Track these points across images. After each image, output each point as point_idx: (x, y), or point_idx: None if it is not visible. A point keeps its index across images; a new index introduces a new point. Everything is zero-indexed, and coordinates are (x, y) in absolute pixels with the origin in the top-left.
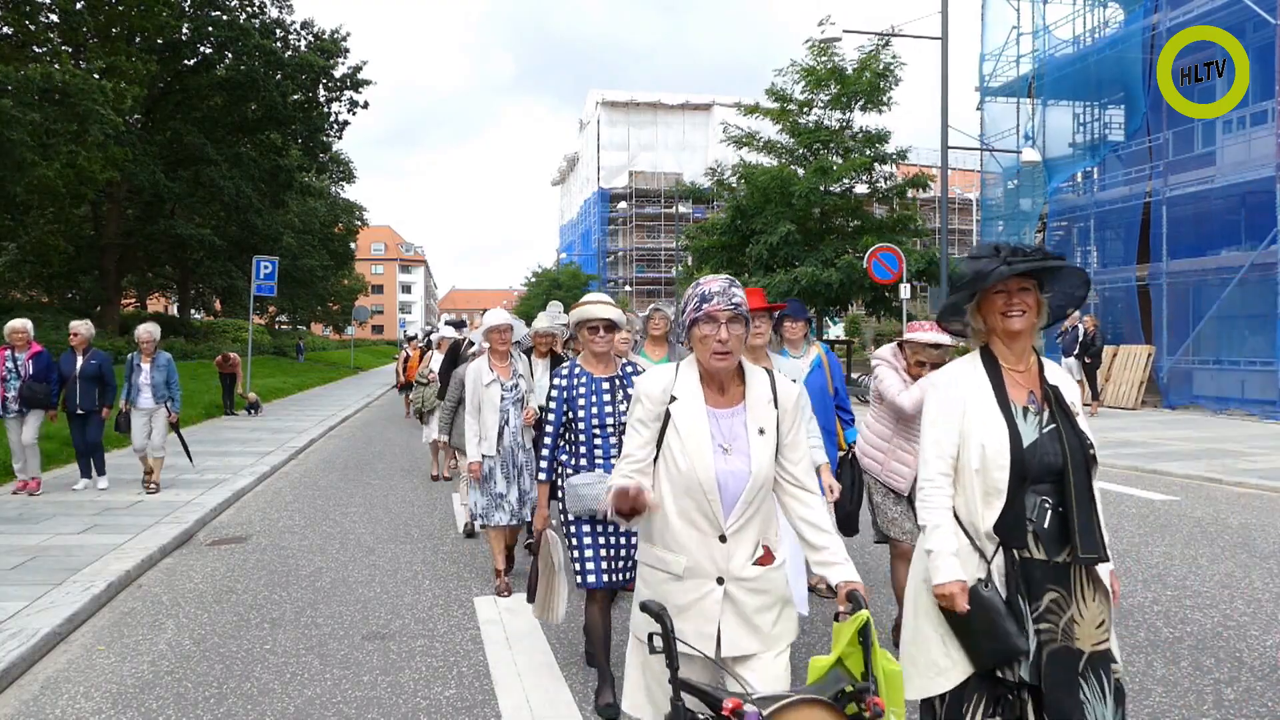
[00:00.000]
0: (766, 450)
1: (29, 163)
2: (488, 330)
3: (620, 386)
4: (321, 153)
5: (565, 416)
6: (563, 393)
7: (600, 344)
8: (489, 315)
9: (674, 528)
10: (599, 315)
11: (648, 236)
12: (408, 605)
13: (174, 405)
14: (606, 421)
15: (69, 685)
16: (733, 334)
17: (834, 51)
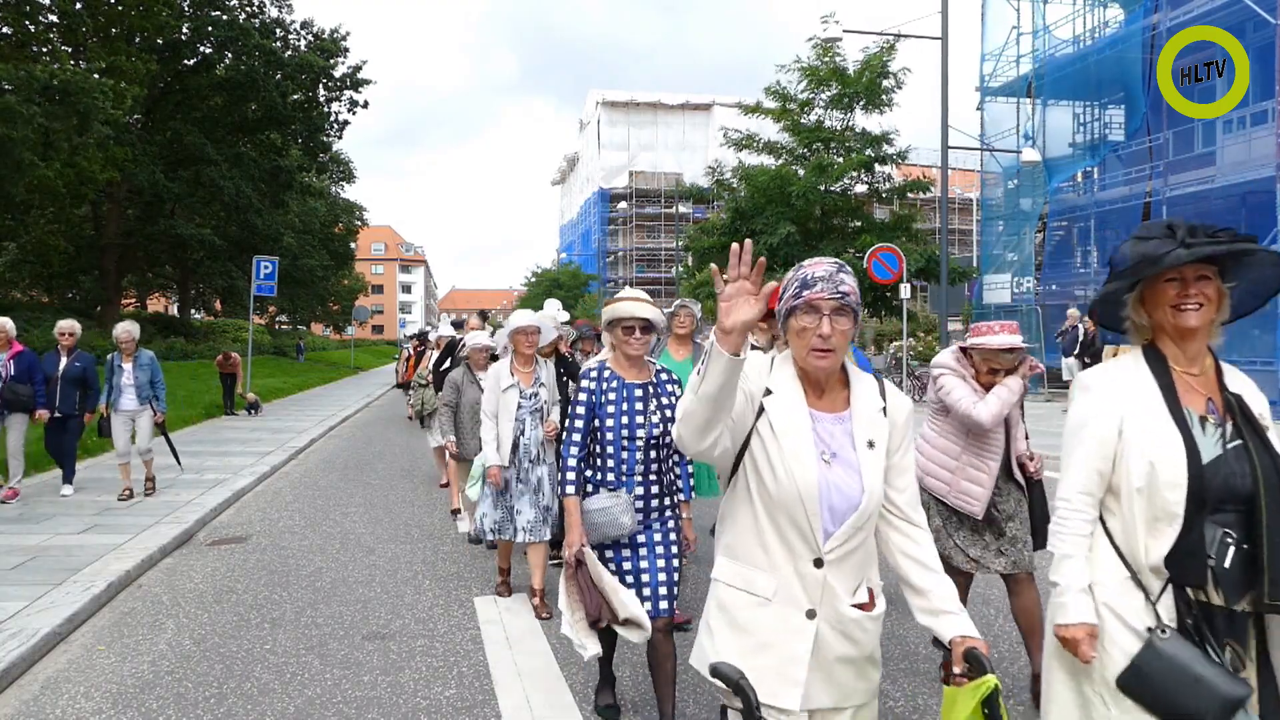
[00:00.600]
0: (878, 466)
1: (28, 163)
2: (513, 332)
3: (654, 394)
4: (321, 153)
5: (591, 426)
6: (591, 397)
7: (636, 346)
8: (515, 316)
9: (764, 542)
10: (636, 314)
11: (648, 236)
12: (408, 605)
13: (159, 405)
14: (637, 433)
15: (69, 685)
16: (837, 328)
17: (836, 51)
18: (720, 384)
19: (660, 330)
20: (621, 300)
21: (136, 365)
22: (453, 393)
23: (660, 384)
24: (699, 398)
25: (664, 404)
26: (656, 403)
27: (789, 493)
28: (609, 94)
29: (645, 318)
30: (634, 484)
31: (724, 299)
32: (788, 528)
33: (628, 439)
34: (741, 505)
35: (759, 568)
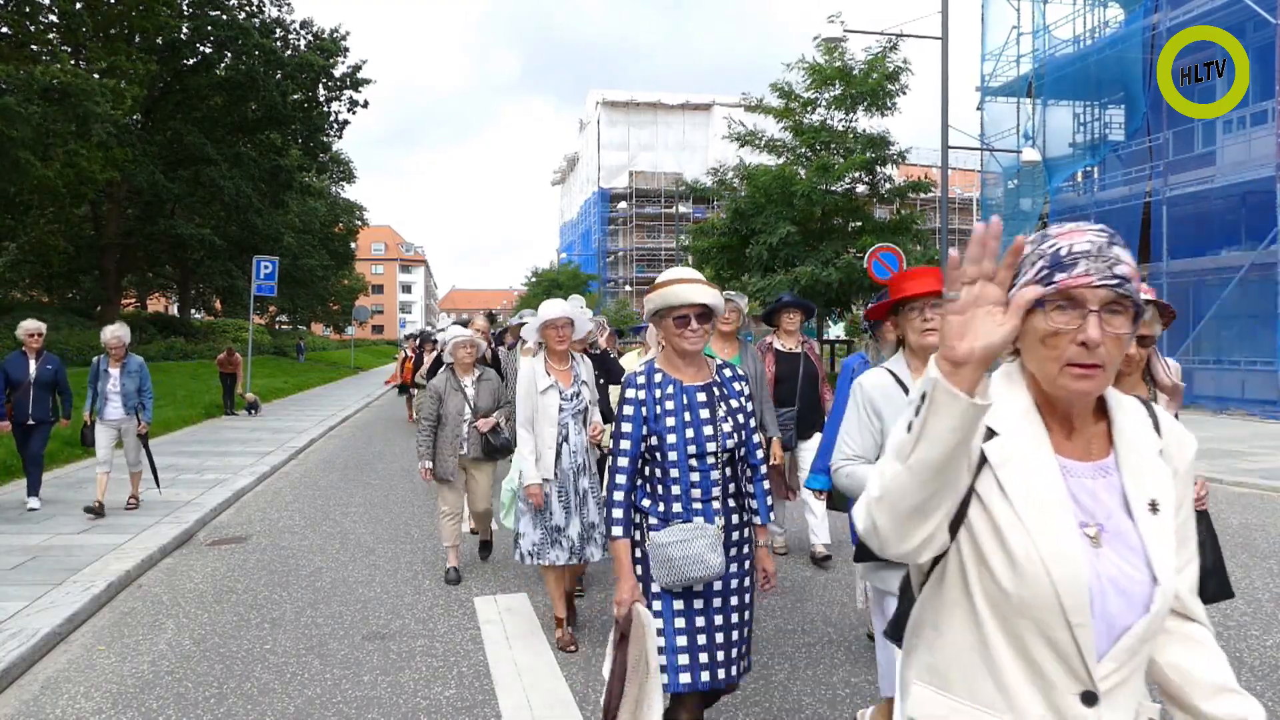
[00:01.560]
0: (1168, 541)
1: (26, 163)
2: (544, 325)
3: (722, 398)
4: (321, 152)
5: (644, 444)
6: (640, 409)
7: (693, 340)
8: (545, 306)
9: (997, 669)
10: (692, 299)
11: (648, 236)
12: (408, 605)
13: (145, 414)
14: (707, 449)
15: (69, 685)
16: (1110, 332)
17: (841, 50)
18: (950, 445)
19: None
20: (674, 283)
21: (124, 372)
22: (435, 404)
23: (725, 382)
24: (912, 467)
25: (734, 408)
26: (725, 407)
27: (1039, 588)
28: (609, 94)
29: (704, 303)
30: (711, 512)
31: (955, 310)
32: (1038, 647)
33: (696, 457)
34: (953, 611)
35: (989, 708)
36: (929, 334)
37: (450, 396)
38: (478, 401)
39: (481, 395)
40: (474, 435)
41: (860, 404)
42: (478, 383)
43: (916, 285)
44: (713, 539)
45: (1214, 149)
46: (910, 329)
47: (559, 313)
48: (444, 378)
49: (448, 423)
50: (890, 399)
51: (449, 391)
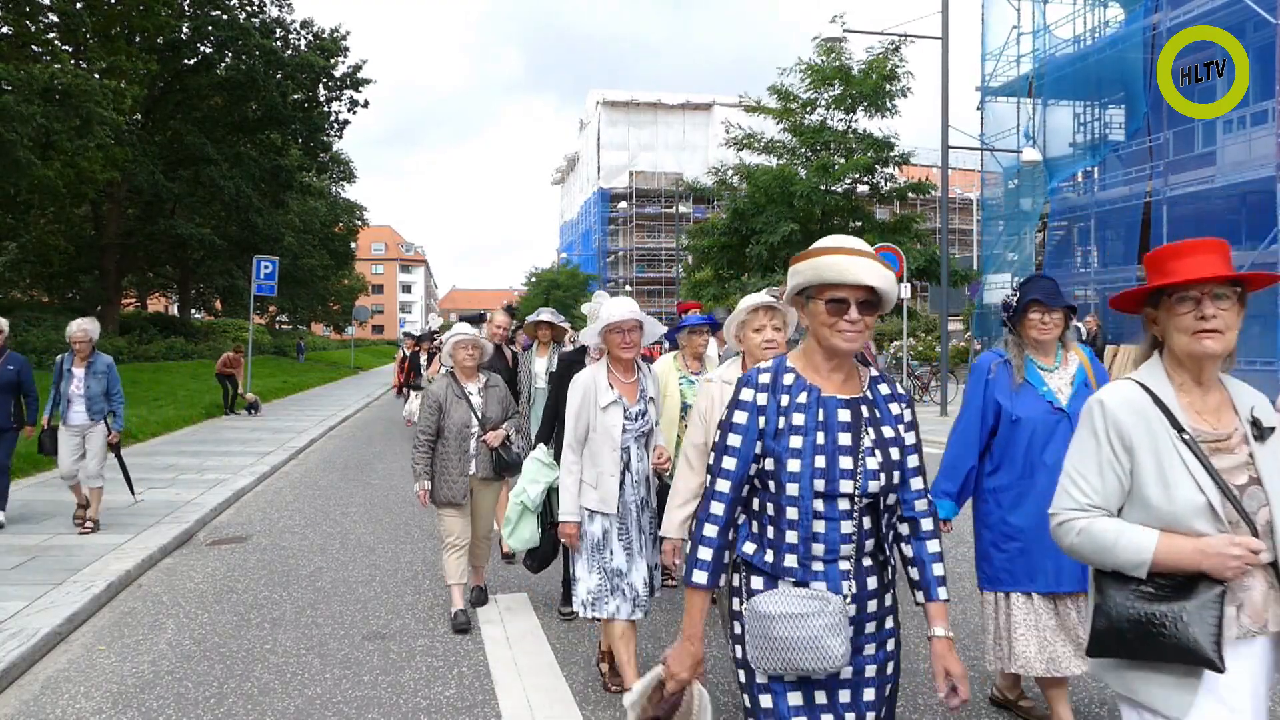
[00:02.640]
0: None
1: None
2: (607, 329)
3: (871, 422)
4: (322, 152)
5: (754, 467)
6: (757, 417)
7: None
8: (611, 306)
9: None
10: (858, 278)
11: (648, 236)
12: (408, 605)
13: (116, 422)
14: (840, 488)
15: (69, 685)
16: None
17: (840, 50)
18: None
19: None
20: (834, 253)
21: (90, 372)
22: (434, 415)
23: (879, 401)
24: None
25: (885, 438)
26: (874, 435)
27: None
28: (609, 94)
29: (873, 286)
30: (837, 576)
31: None
32: None
33: (825, 497)
34: None
35: None
36: (1206, 336)
37: (453, 406)
38: (486, 411)
39: (489, 404)
40: (482, 451)
41: (1103, 432)
42: (484, 390)
43: (1192, 267)
44: (836, 616)
45: (1214, 149)
46: (1176, 327)
47: (626, 313)
48: (444, 384)
49: (451, 436)
50: (1148, 428)
51: (451, 400)
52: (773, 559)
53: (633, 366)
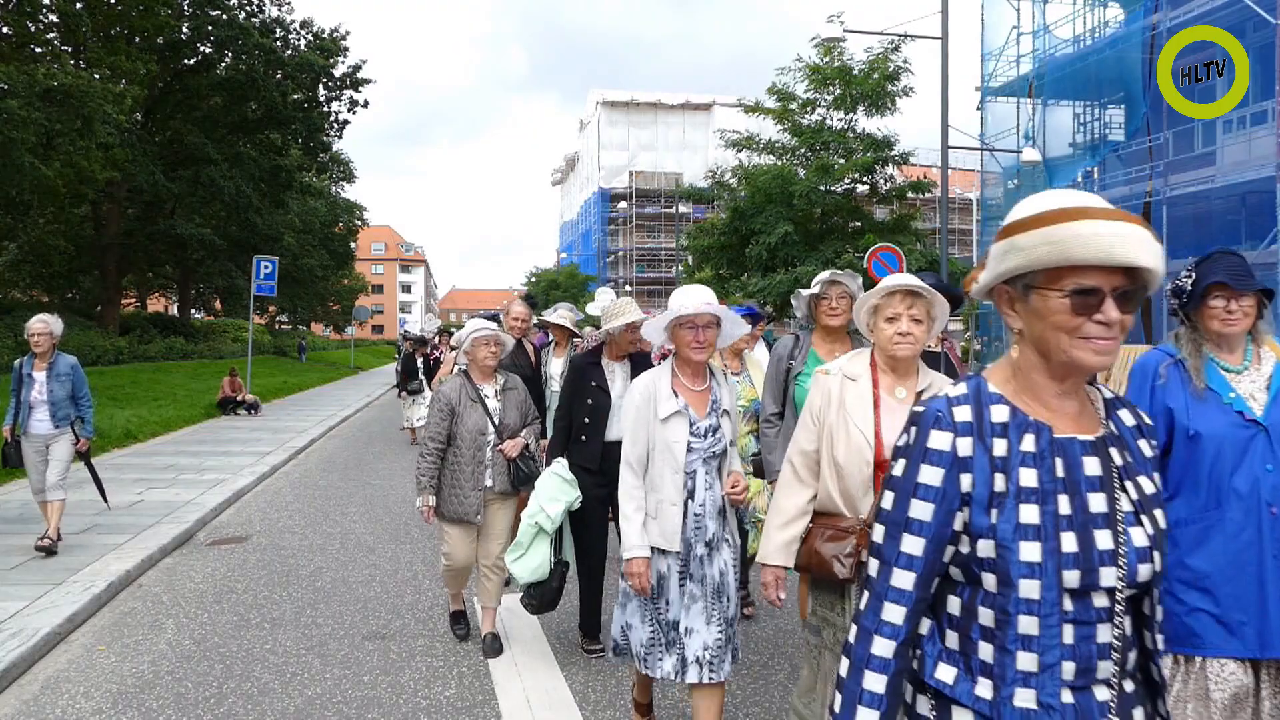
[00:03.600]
0: None
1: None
2: (676, 323)
3: (1129, 472)
4: (322, 152)
5: (951, 550)
6: (957, 477)
7: (1106, 345)
8: (682, 295)
9: None
10: (1125, 255)
11: (648, 236)
12: (408, 605)
13: (85, 428)
14: (1101, 578)
15: (69, 685)
16: None
17: (840, 50)
18: None
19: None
20: (1079, 215)
21: (52, 375)
22: (445, 420)
23: (1127, 437)
24: None
25: (1148, 494)
26: (1136, 492)
27: None
28: (609, 94)
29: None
30: (1094, 710)
31: None
32: None
33: (1077, 593)
34: None
35: None
36: None
37: (468, 411)
38: (503, 417)
39: (507, 409)
40: (499, 461)
41: None
42: (502, 392)
43: None
44: None
45: (1214, 149)
46: None
47: (701, 305)
48: (458, 385)
49: (464, 445)
50: None
51: (465, 404)
52: (992, 694)
53: (704, 371)
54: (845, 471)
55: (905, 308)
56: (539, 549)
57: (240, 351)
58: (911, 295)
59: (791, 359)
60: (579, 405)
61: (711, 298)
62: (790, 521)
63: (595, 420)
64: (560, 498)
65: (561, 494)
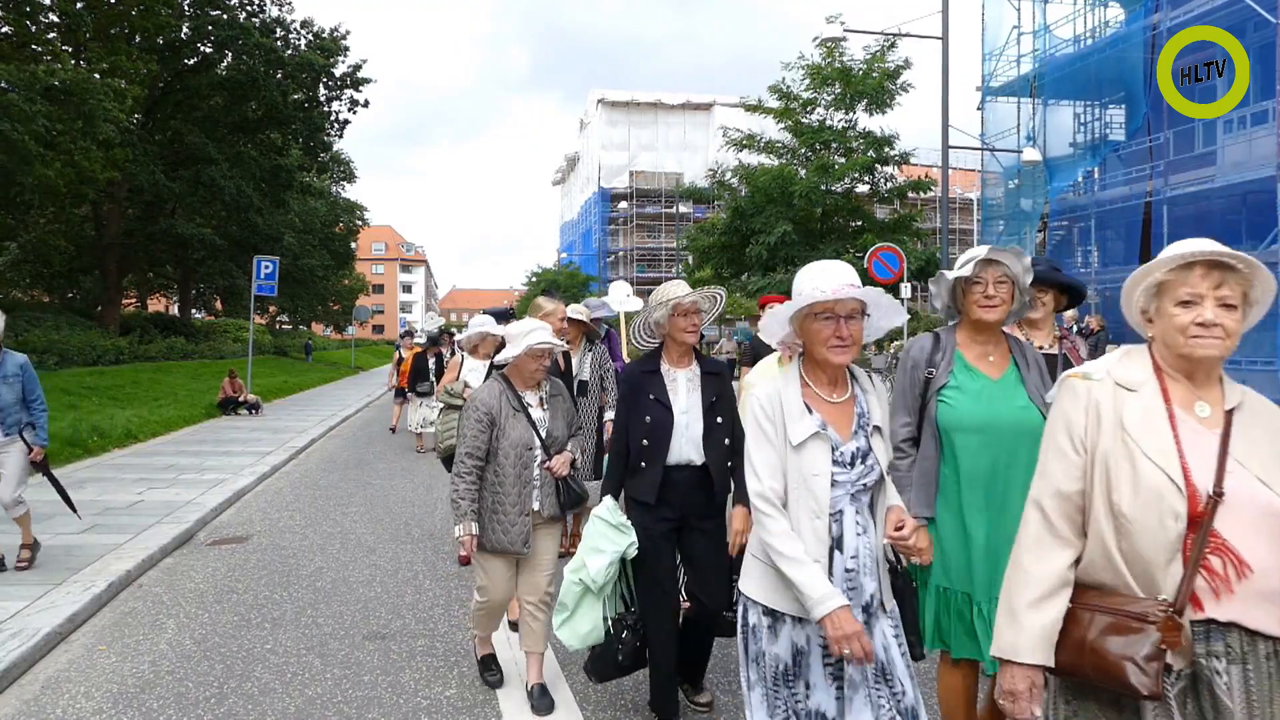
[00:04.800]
0: None
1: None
2: (808, 312)
3: None
4: (322, 152)
5: None
6: None
7: None
8: (815, 274)
9: None
10: None
11: (648, 236)
12: (408, 605)
13: (37, 435)
14: None
15: (70, 685)
16: None
17: (840, 50)
18: None
19: None
20: None
21: (0, 377)
22: (485, 433)
23: None
24: None
25: None
26: None
27: None
28: (609, 93)
29: None
30: None
31: None
32: None
33: None
34: None
35: None
36: None
37: (510, 422)
38: (551, 429)
39: (554, 419)
40: (546, 480)
41: None
42: (549, 400)
43: None
44: None
45: (1214, 149)
46: None
47: (842, 287)
48: (496, 392)
49: (507, 462)
50: None
51: (507, 414)
52: None
53: (844, 377)
54: (1136, 528)
55: (1210, 286)
56: (588, 611)
57: (241, 351)
58: (1220, 269)
59: (930, 365)
60: (636, 425)
61: (854, 277)
62: (1047, 597)
63: (656, 442)
64: (605, 547)
65: (607, 542)
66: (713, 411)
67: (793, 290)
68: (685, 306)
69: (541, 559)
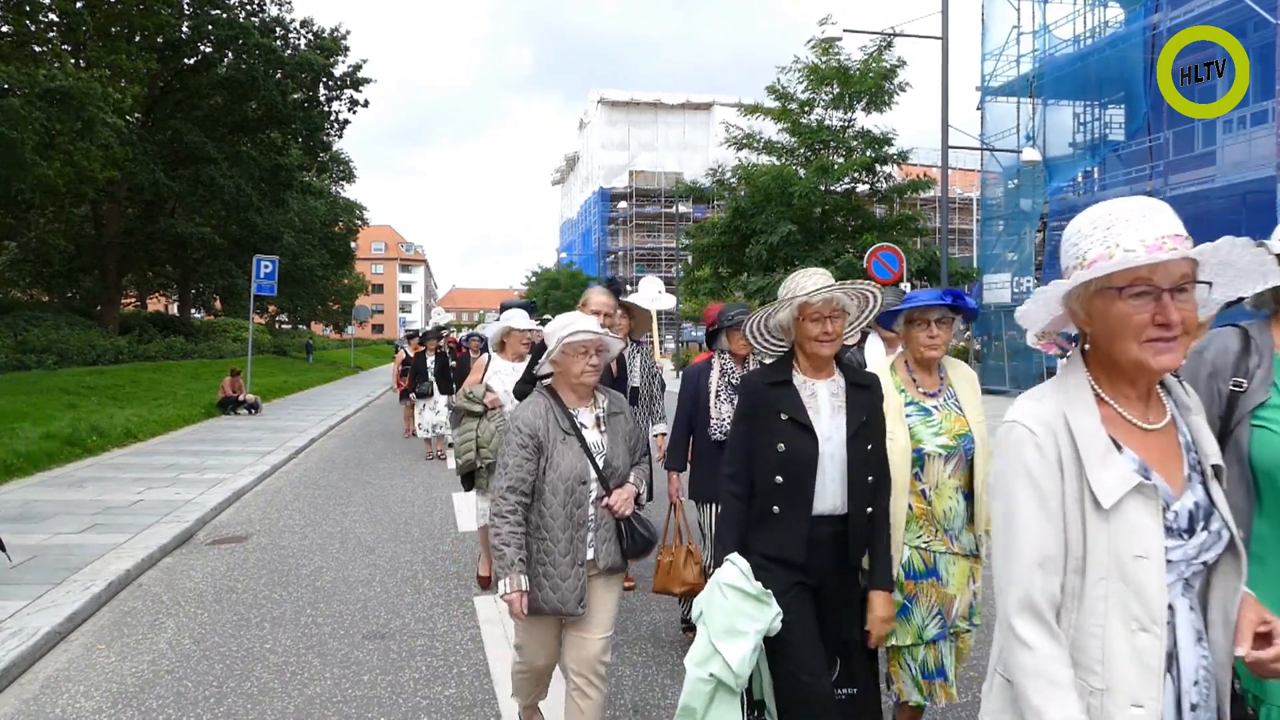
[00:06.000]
0: None
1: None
2: (1097, 287)
3: None
4: (322, 152)
5: None
6: None
7: None
8: (1114, 218)
9: None
10: None
11: (648, 236)
12: (408, 605)
13: None
14: None
15: (69, 684)
16: None
17: (837, 50)
18: None
19: None
20: None
21: None
22: (530, 461)
23: None
24: None
25: None
26: None
27: None
28: (609, 93)
29: None
30: None
31: None
32: None
33: None
34: None
35: None
36: None
37: (559, 448)
38: (610, 456)
39: (613, 445)
40: (605, 522)
41: None
42: (608, 418)
43: None
44: None
45: (1214, 149)
46: None
47: (1161, 234)
48: (542, 409)
49: (556, 498)
50: None
51: (555, 438)
52: None
53: (1159, 400)
54: None
55: None
56: (724, 713)
57: (240, 351)
58: None
59: (1240, 374)
60: (764, 455)
61: (1178, 224)
62: None
63: (794, 480)
64: (748, 629)
65: (748, 621)
66: (861, 439)
67: (1063, 248)
68: (816, 309)
69: (597, 619)
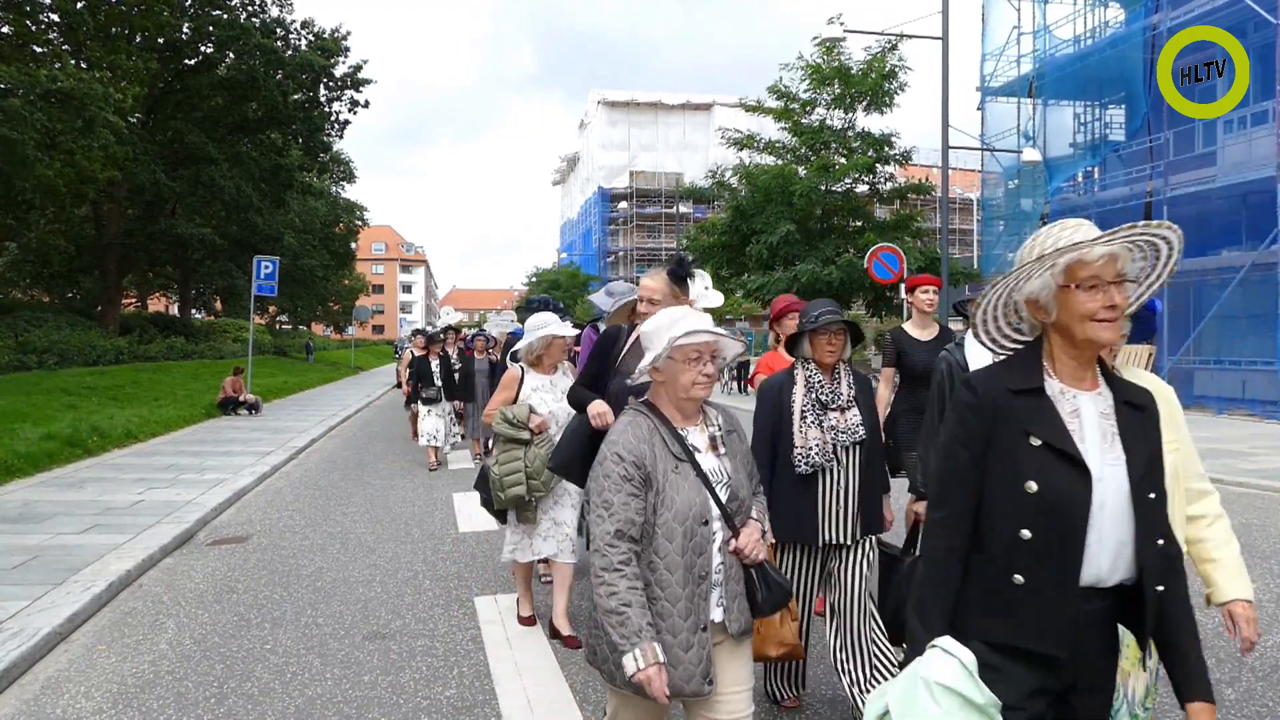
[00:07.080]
0: None
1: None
2: None
3: None
4: (322, 152)
5: None
6: None
7: None
8: None
9: None
10: None
11: (648, 236)
12: (408, 605)
13: None
14: None
15: (70, 685)
16: None
17: (839, 50)
18: None
19: None
20: None
21: None
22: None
23: None
24: None
25: None
26: None
27: None
28: (609, 93)
29: None
30: None
31: None
32: None
33: None
34: None
35: None
36: None
37: (672, 478)
38: (735, 485)
39: (736, 471)
40: (733, 572)
41: None
42: (724, 439)
43: None
44: None
45: (1214, 149)
46: None
47: None
48: (645, 431)
49: (669, 545)
50: None
51: (667, 467)
52: None
53: None
54: None
55: None
56: None
57: (240, 351)
58: None
59: None
60: (1001, 497)
61: None
62: None
63: (1053, 535)
64: None
65: None
66: (1149, 481)
67: None
68: (1095, 272)
69: (728, 701)
